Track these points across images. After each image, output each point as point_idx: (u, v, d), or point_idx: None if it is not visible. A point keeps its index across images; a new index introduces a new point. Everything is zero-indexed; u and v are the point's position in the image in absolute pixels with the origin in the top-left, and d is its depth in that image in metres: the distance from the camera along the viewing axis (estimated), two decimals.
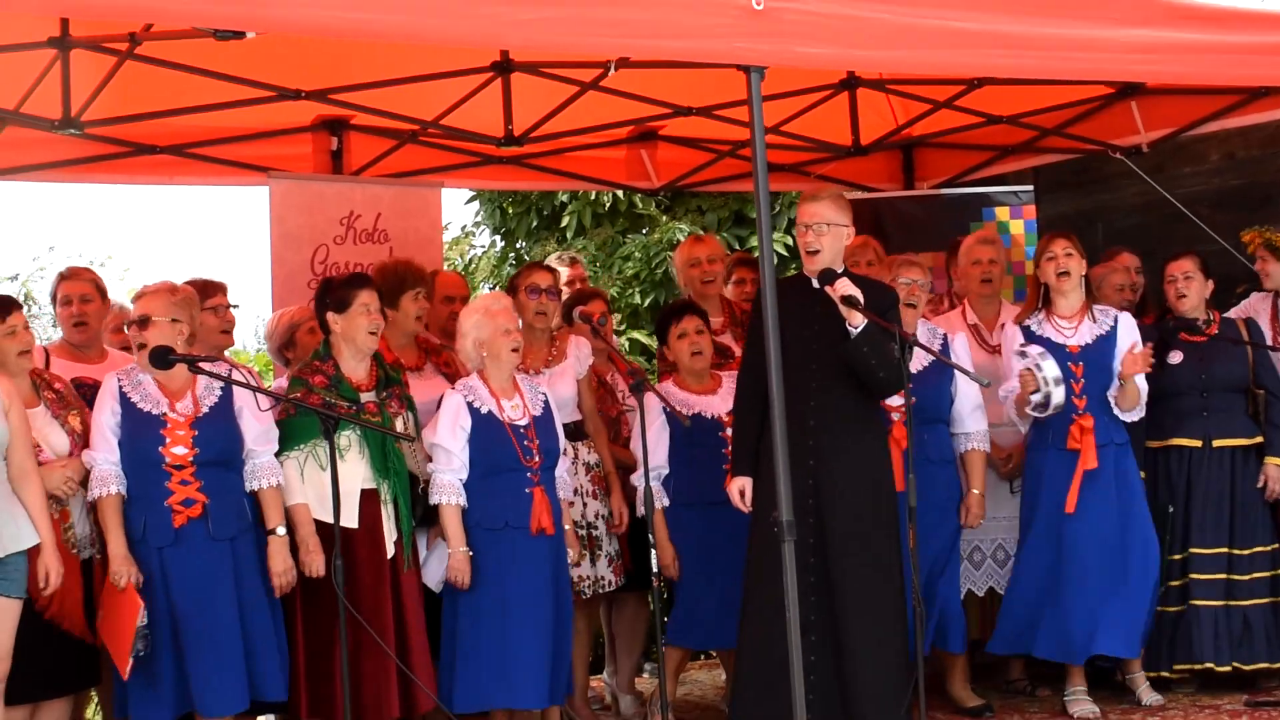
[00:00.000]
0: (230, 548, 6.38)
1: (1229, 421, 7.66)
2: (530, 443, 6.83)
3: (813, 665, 6.44)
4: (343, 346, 6.73)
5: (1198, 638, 7.56)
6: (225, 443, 6.43)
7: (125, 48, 6.72)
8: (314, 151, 8.89)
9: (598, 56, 7.09)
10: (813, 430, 6.61)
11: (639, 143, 9.55)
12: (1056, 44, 6.56)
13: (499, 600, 6.73)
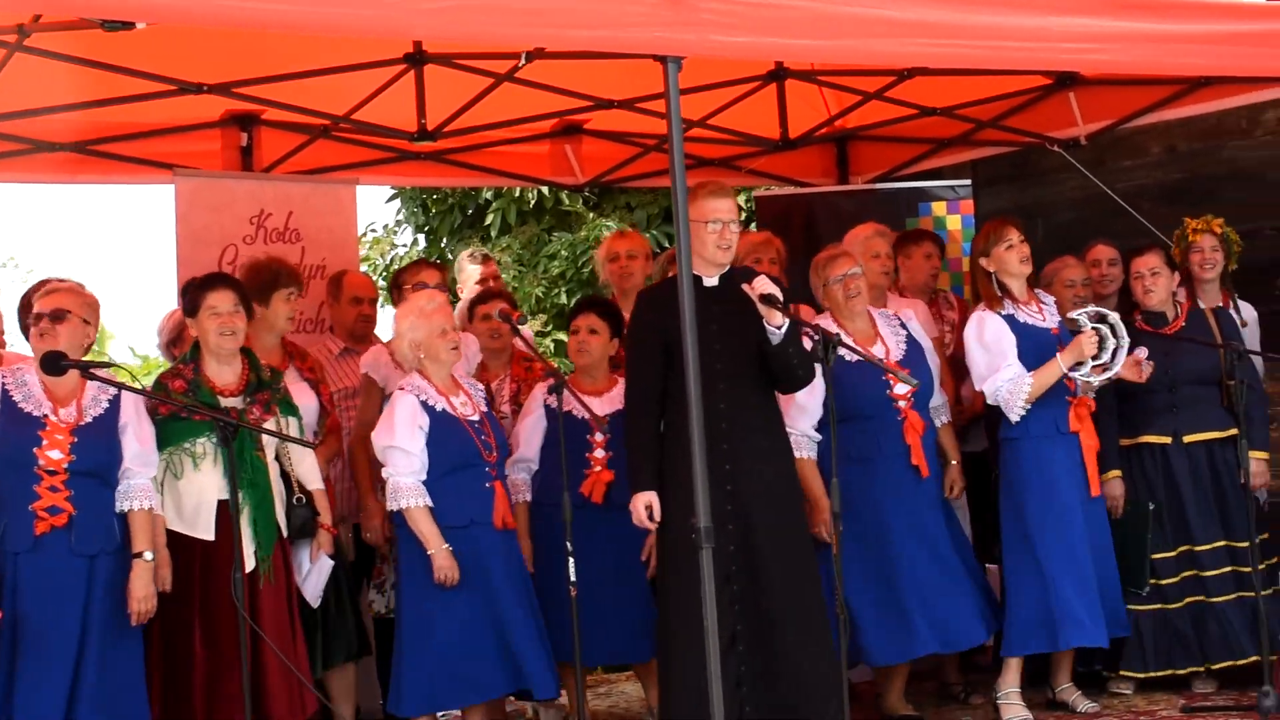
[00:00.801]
0: (88, 565, 6.29)
1: (1199, 416, 7.71)
2: (487, 438, 6.85)
3: (744, 675, 6.45)
4: (203, 350, 6.67)
5: (1166, 640, 7.64)
6: (104, 455, 6.33)
7: (14, 39, 6.64)
8: (223, 148, 8.83)
9: (513, 47, 7.08)
10: (726, 434, 6.55)
11: (562, 137, 9.53)
12: (989, 33, 6.55)
13: (475, 598, 6.73)
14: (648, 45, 5.70)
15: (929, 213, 9.79)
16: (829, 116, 9.53)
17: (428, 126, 8.36)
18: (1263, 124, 9.77)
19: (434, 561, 6.63)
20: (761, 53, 7.40)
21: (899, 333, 7.47)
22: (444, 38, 7.00)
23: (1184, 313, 7.81)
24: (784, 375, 6.58)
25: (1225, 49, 7.18)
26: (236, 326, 6.62)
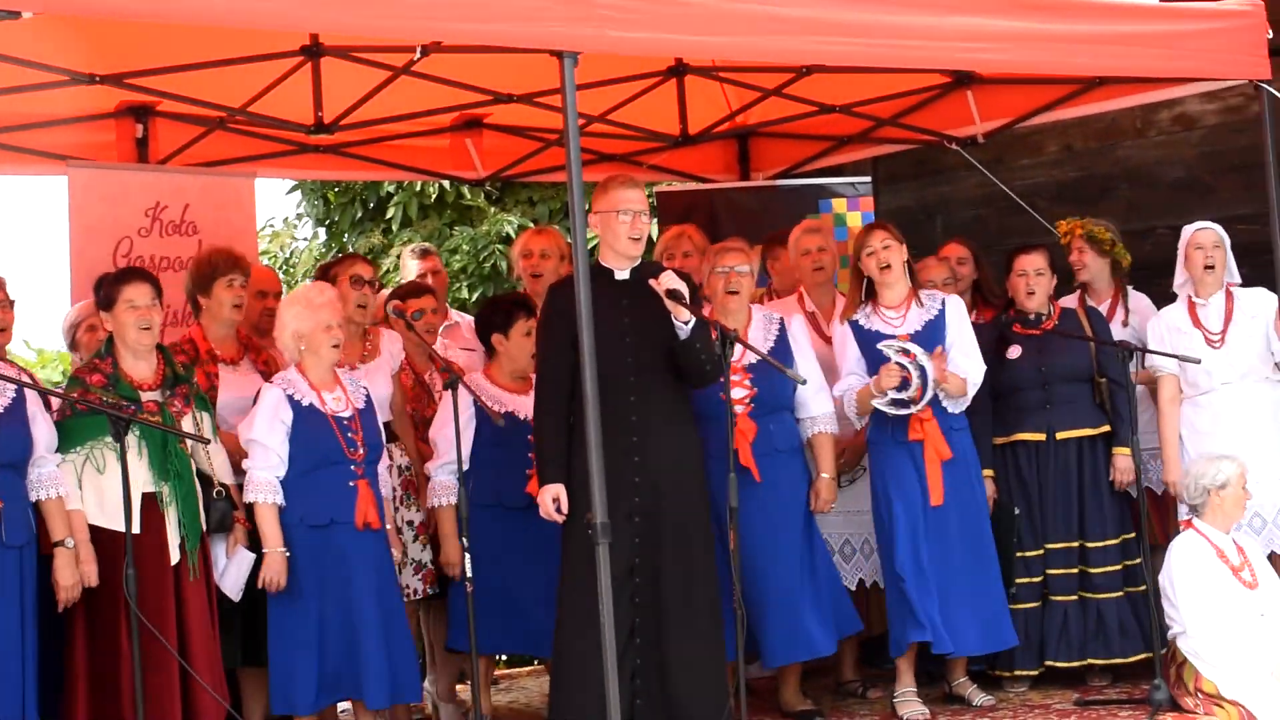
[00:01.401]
0: (19, 555, 6.28)
1: (1073, 413, 7.79)
2: (355, 435, 6.84)
3: (639, 668, 6.50)
4: (120, 344, 6.64)
5: (1050, 636, 7.72)
6: (19, 446, 6.32)
7: None
8: (118, 139, 8.76)
9: (410, 40, 7.06)
10: (636, 427, 6.62)
11: (462, 131, 9.50)
12: (885, 31, 6.65)
13: (330, 598, 6.74)
14: (544, 40, 5.75)
15: (830, 209, 9.84)
16: (729, 113, 9.57)
17: (325, 120, 8.36)
18: (1156, 124, 9.87)
19: (265, 561, 6.65)
20: (659, 49, 7.40)
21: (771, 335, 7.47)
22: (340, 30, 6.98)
23: (1056, 312, 7.91)
24: (692, 371, 6.64)
25: (1118, 49, 7.30)
26: (153, 320, 6.64)
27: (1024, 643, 7.68)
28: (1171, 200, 9.62)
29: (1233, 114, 9.43)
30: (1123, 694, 7.59)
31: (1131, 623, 7.72)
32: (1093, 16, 7.30)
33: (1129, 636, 7.70)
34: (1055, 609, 7.74)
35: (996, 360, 7.73)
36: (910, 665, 7.59)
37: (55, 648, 6.50)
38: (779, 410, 7.42)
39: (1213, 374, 7.63)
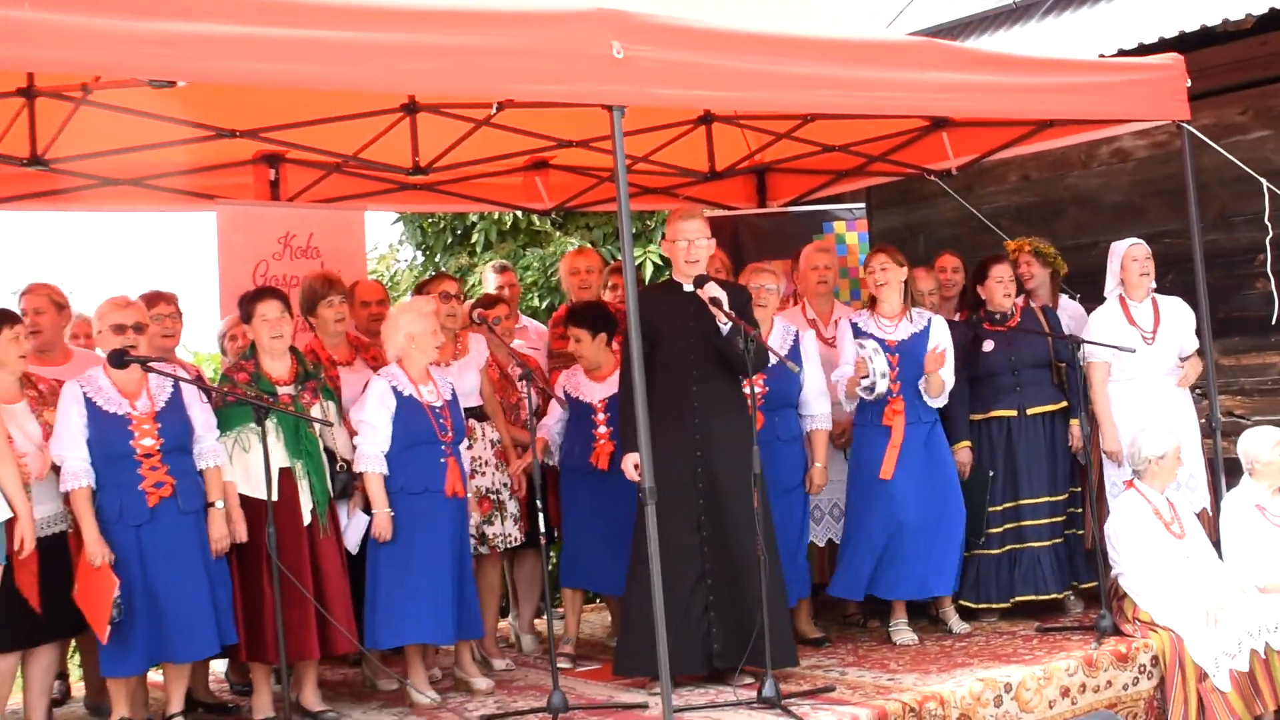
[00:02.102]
0: (195, 520, 6.37)
1: (1038, 393, 7.85)
2: (445, 420, 6.86)
3: (712, 604, 6.62)
4: (259, 349, 6.75)
5: (1030, 572, 7.79)
6: (182, 431, 6.41)
7: (80, 95, 6.65)
8: (254, 182, 8.80)
9: (489, 99, 7.09)
10: (697, 410, 6.74)
11: (532, 170, 9.52)
12: (875, 85, 6.68)
13: (419, 552, 6.75)
14: (597, 97, 5.79)
15: (832, 230, 9.85)
16: (749, 152, 9.55)
17: (421, 163, 8.36)
18: (1097, 157, 9.85)
19: (376, 522, 6.70)
20: (691, 102, 7.48)
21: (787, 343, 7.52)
22: (432, 92, 7.05)
23: (1019, 311, 7.97)
24: (733, 362, 6.64)
25: (1066, 97, 7.35)
26: (282, 330, 6.74)
27: (994, 581, 7.75)
28: (1111, 219, 9.60)
29: (1159, 148, 9.41)
30: (1074, 622, 7.61)
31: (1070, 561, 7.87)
32: (1044, 70, 7.34)
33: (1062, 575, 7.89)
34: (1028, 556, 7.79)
35: (971, 352, 7.79)
36: (903, 601, 7.63)
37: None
38: (785, 407, 7.49)
39: (1147, 364, 7.70)
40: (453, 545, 6.86)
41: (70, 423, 6.22)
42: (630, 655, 6.69)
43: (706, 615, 6.65)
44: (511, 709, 6.66)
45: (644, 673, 6.68)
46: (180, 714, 6.56)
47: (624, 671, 6.80)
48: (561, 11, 5.71)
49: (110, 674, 6.36)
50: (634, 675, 6.79)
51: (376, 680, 7.47)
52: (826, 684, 6.66)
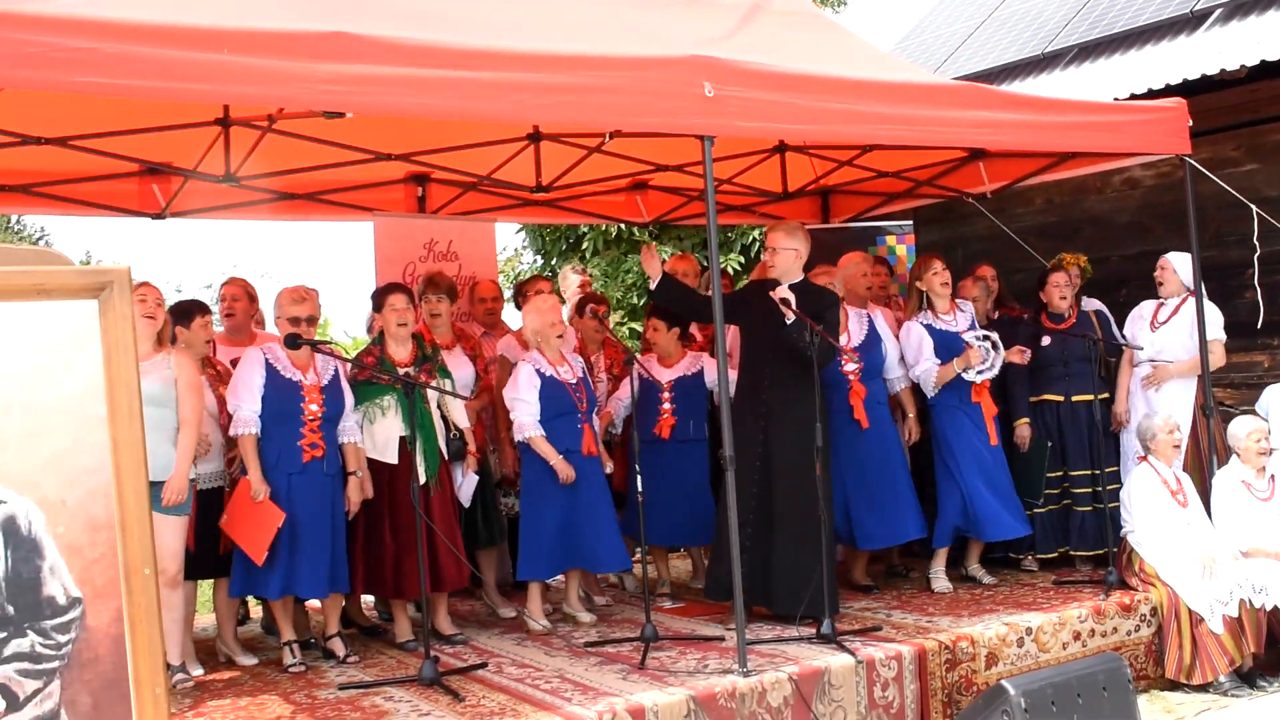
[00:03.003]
0: (333, 482, 6.42)
1: (1083, 383, 7.74)
2: (580, 394, 6.89)
3: (747, 550, 6.54)
4: (387, 335, 6.76)
5: (1073, 533, 7.77)
6: (339, 407, 6.46)
7: (267, 124, 6.70)
8: (405, 197, 8.88)
9: (601, 130, 7.08)
10: (765, 390, 6.76)
11: (634, 190, 9.51)
12: (924, 121, 6.60)
13: (568, 500, 6.79)
14: (691, 128, 5.76)
15: (884, 243, 9.78)
16: (815, 177, 9.48)
17: (542, 183, 8.38)
18: (1111, 184, 9.74)
19: (557, 468, 6.71)
20: (769, 134, 7.41)
21: (863, 326, 7.48)
22: (553, 124, 7.04)
23: (1074, 313, 7.93)
24: (795, 353, 6.59)
25: (1084, 133, 7.26)
26: (408, 318, 6.74)
27: (1042, 535, 7.79)
28: (1121, 238, 9.50)
29: (1164, 178, 9.28)
30: (1085, 577, 7.51)
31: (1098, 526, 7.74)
32: (1067, 111, 7.23)
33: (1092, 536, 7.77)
34: (1075, 515, 7.75)
35: (1033, 346, 7.79)
36: (944, 552, 7.55)
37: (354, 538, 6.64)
38: (874, 377, 7.43)
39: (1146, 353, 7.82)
40: (595, 494, 6.89)
41: (251, 380, 6.30)
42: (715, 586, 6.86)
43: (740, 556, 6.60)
44: (610, 637, 6.65)
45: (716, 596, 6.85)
46: (337, 634, 6.62)
47: (711, 595, 6.94)
48: (663, 57, 5.69)
49: (247, 594, 6.47)
50: (713, 598, 6.92)
51: (498, 610, 7.50)
52: (875, 624, 6.60)
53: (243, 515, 6.23)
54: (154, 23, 4.62)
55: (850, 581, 7.64)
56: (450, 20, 5.65)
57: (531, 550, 6.83)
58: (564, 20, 6.18)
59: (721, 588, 6.64)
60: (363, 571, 6.60)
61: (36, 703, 2.99)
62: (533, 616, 6.99)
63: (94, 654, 3.05)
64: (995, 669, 6.28)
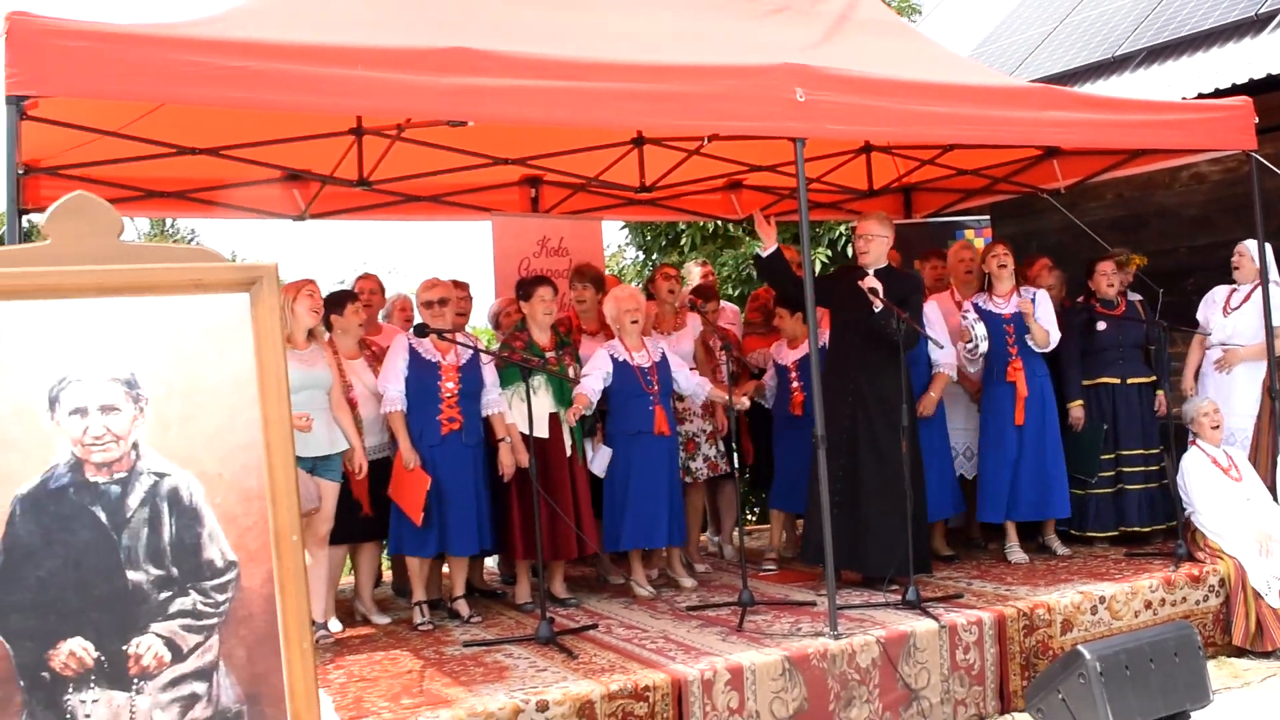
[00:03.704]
0: (473, 451, 6.48)
1: (1136, 367, 7.63)
2: (652, 378, 6.86)
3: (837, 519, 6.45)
4: (531, 322, 6.77)
5: (1130, 511, 7.58)
6: (476, 384, 6.53)
7: (396, 133, 6.77)
8: (519, 198, 8.91)
9: (700, 134, 7.06)
10: (853, 371, 6.70)
11: (729, 190, 9.46)
12: (1001, 122, 6.50)
13: (636, 479, 6.80)
14: (784, 131, 5.73)
15: (963, 236, 9.62)
16: (898, 175, 9.37)
17: (646, 183, 8.38)
18: (1179, 179, 9.51)
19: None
20: (856, 135, 7.34)
21: None
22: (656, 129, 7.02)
23: (1124, 302, 7.74)
24: (883, 338, 6.57)
25: (1154, 131, 7.10)
26: (553, 309, 6.83)
27: (1095, 512, 7.58)
28: (1188, 230, 9.28)
29: (1230, 173, 9.05)
30: (1155, 550, 7.35)
31: (1160, 501, 7.57)
32: (1137, 110, 7.07)
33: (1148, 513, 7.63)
34: (1132, 494, 7.59)
35: (1087, 331, 7.65)
36: (1015, 525, 7.44)
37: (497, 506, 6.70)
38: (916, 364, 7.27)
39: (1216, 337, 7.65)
40: (664, 473, 6.87)
41: (395, 364, 6.46)
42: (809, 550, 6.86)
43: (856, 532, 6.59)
44: (710, 601, 6.65)
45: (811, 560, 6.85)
46: (462, 596, 6.69)
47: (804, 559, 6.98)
48: (757, 65, 5.66)
49: (407, 553, 6.55)
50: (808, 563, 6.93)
51: (608, 576, 7.53)
52: (956, 591, 6.52)
53: (399, 483, 6.41)
54: (296, 43, 4.70)
55: (931, 551, 7.54)
56: (562, 35, 5.66)
57: (613, 524, 6.88)
58: (667, 32, 6.17)
59: (816, 550, 6.59)
60: (520, 536, 6.68)
61: (198, 655, 3.05)
62: (638, 582, 7.00)
63: (248, 612, 3.11)
64: (1070, 635, 6.18)
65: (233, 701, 3.08)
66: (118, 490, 3.02)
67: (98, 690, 2.96)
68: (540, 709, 4.87)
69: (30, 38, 4.21)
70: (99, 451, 3.02)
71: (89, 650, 2.96)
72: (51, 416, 2.99)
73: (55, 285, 3.03)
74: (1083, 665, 5.09)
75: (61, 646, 2.94)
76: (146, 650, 3.00)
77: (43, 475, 2.97)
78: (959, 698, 5.84)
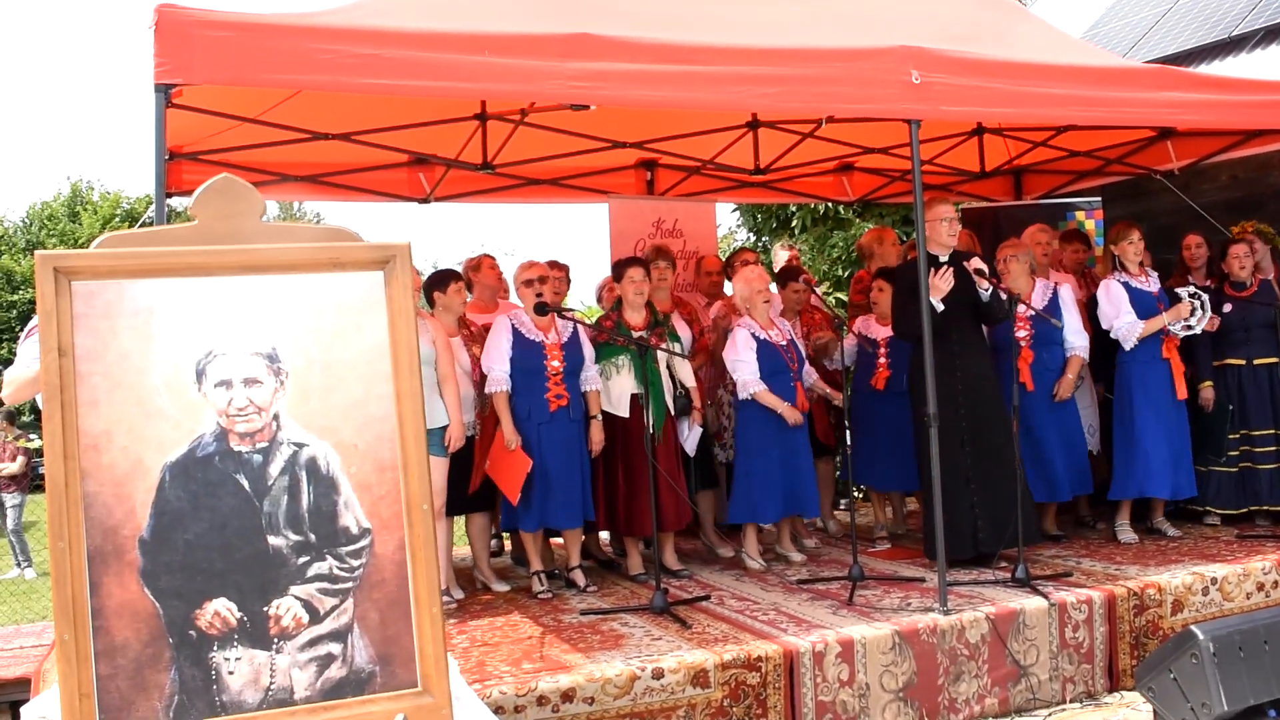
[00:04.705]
0: (578, 427, 6.47)
1: (1263, 348, 7.40)
2: (791, 355, 6.82)
3: (976, 504, 6.46)
4: (624, 301, 6.77)
5: (1262, 490, 7.35)
6: (578, 361, 6.51)
7: (519, 118, 6.79)
8: (635, 181, 8.90)
9: (815, 115, 6.97)
10: (957, 354, 6.51)
11: (840, 172, 9.36)
12: (1116, 103, 6.30)
13: (783, 449, 6.74)
14: (899, 113, 5.62)
15: (1074, 218, 9.40)
16: (1010, 157, 9.19)
17: (760, 165, 8.32)
18: None
19: (786, 414, 6.64)
20: (970, 117, 7.21)
21: (1046, 297, 7.17)
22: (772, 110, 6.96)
23: (1256, 282, 7.53)
24: (990, 318, 6.51)
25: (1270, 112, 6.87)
26: (644, 289, 6.74)
27: (1217, 490, 7.39)
28: None
29: None
30: (1269, 532, 7.11)
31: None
32: (1253, 90, 6.81)
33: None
34: (1261, 474, 7.34)
35: (1217, 311, 7.40)
36: (1128, 505, 7.25)
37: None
38: (1049, 345, 7.11)
39: None
40: (806, 446, 6.84)
41: (500, 344, 6.43)
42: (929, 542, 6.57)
43: (973, 512, 6.44)
44: (819, 576, 6.59)
45: (934, 556, 6.52)
46: (578, 566, 6.71)
47: (929, 554, 6.66)
48: (873, 48, 5.56)
49: (510, 528, 6.60)
50: (931, 558, 6.63)
51: (716, 549, 7.51)
52: (1066, 570, 6.39)
53: (499, 461, 6.39)
54: (423, 30, 4.73)
55: (1042, 530, 7.39)
56: (680, 19, 5.63)
57: (747, 496, 6.79)
58: (782, 14, 6.09)
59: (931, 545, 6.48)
60: (603, 505, 6.69)
61: (334, 617, 3.10)
62: (750, 555, 6.97)
63: (381, 577, 3.14)
64: (1180, 615, 6.01)
65: (366, 662, 3.12)
66: (260, 459, 3.08)
67: (240, 649, 3.02)
68: (656, 676, 4.87)
69: (177, 28, 4.30)
70: (242, 422, 3.07)
71: (233, 610, 3.02)
72: (199, 388, 3.05)
73: (202, 264, 3.08)
74: (1195, 645, 4.93)
75: (207, 606, 3.00)
76: (286, 611, 3.06)
77: (190, 444, 3.03)
78: (1068, 675, 5.72)
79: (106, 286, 3.02)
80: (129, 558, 2.96)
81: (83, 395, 2.96)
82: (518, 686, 4.70)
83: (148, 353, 3.02)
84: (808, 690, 5.13)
